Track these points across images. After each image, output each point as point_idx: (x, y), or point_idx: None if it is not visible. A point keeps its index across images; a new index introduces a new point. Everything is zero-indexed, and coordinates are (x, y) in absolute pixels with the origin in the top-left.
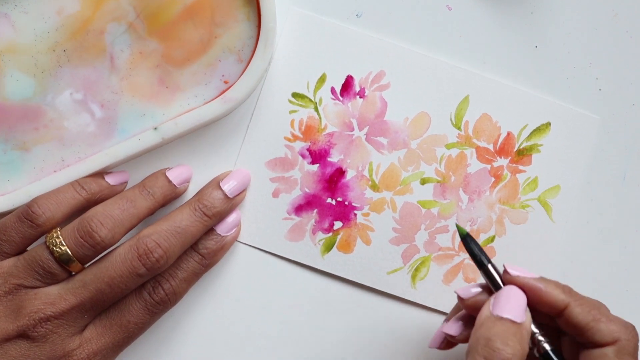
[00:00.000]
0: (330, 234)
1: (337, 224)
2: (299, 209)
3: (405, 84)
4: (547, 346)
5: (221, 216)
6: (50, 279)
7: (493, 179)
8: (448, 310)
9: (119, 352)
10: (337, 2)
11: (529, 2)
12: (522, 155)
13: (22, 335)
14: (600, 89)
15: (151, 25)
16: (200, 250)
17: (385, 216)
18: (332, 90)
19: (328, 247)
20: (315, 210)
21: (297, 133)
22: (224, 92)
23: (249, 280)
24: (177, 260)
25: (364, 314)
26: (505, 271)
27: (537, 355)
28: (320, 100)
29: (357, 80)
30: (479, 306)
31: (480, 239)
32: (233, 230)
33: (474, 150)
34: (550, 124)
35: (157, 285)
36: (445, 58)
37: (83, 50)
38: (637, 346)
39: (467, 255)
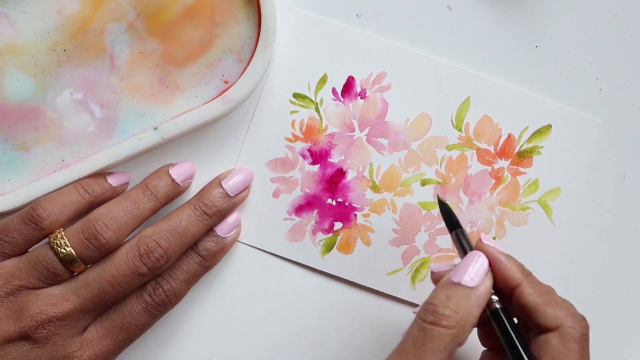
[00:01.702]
0: (331, 234)
1: (337, 225)
2: (299, 209)
3: (406, 85)
4: (497, 305)
5: (222, 215)
6: (53, 280)
7: (493, 181)
8: None
9: (119, 353)
10: (337, 2)
11: (529, 2)
12: (523, 157)
13: (24, 336)
14: (600, 89)
15: (151, 25)
16: (201, 251)
17: (385, 217)
18: (333, 90)
19: (328, 247)
20: (316, 211)
21: (298, 133)
22: (223, 92)
23: (249, 280)
24: (177, 262)
25: (364, 314)
26: (479, 240)
27: (487, 314)
28: (321, 100)
29: (358, 81)
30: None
31: None
32: (233, 232)
33: (474, 151)
34: (551, 126)
35: (157, 287)
36: (445, 58)
37: (83, 50)
38: (584, 335)
39: None
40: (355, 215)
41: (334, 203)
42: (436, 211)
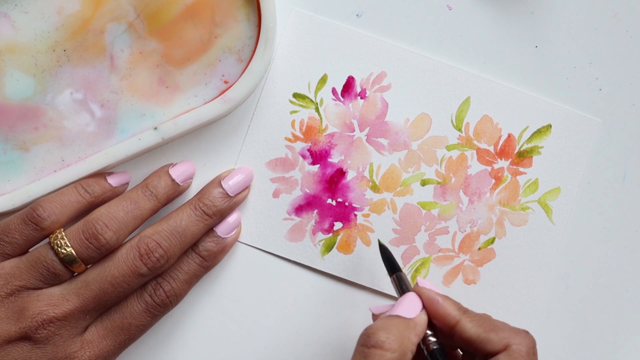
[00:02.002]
0: (330, 234)
1: (337, 225)
2: (299, 209)
3: (406, 85)
4: (434, 346)
5: (222, 215)
6: (53, 280)
7: (493, 181)
8: None
9: (120, 353)
10: (337, 2)
11: (529, 2)
12: (523, 157)
13: (25, 337)
14: (600, 89)
15: (151, 25)
16: (201, 252)
17: (385, 217)
18: (333, 90)
19: (328, 247)
20: (316, 211)
21: (298, 133)
22: (223, 92)
23: (248, 280)
24: (178, 262)
25: (364, 314)
26: (416, 284)
27: (426, 354)
28: (321, 100)
29: (358, 81)
30: None
31: (480, 241)
32: (233, 232)
33: (474, 151)
34: (551, 126)
35: (158, 287)
36: (445, 58)
37: (83, 49)
38: (531, 349)
39: (468, 257)
40: (355, 215)
41: (334, 203)
42: (436, 211)
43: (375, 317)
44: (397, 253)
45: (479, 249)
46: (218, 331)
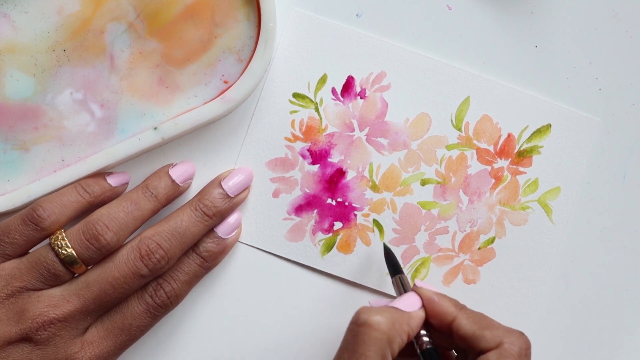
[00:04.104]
0: (330, 234)
1: (337, 225)
2: (299, 209)
3: (405, 85)
4: (427, 344)
5: (222, 215)
6: (54, 281)
7: (493, 181)
8: None
9: (120, 354)
10: (337, 2)
11: (529, 2)
12: (523, 156)
13: (25, 338)
14: (600, 89)
15: (151, 25)
16: (202, 253)
17: (385, 217)
18: (333, 90)
19: (328, 247)
20: (316, 211)
21: (298, 133)
22: (223, 92)
23: (248, 280)
24: (178, 263)
25: None
26: (414, 284)
27: (418, 353)
28: (321, 100)
29: (357, 80)
30: None
31: (480, 240)
32: (234, 233)
33: (474, 151)
34: (550, 126)
35: (158, 288)
36: (445, 58)
37: (83, 49)
38: (524, 350)
39: (468, 257)
40: (355, 215)
41: (333, 203)
42: (436, 211)
43: None
44: (397, 253)
45: (479, 248)
46: (218, 331)
